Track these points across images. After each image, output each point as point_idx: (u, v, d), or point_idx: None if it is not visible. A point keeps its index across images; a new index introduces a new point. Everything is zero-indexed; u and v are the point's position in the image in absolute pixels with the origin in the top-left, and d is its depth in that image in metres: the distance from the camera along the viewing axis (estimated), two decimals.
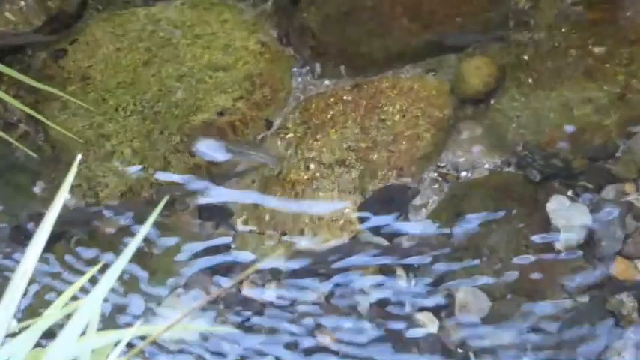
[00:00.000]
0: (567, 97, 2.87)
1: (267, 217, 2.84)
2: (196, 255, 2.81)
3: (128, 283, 2.73)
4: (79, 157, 1.35)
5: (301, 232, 2.79)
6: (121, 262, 1.18)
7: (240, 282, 2.74)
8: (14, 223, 2.89)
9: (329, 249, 2.75)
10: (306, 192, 2.85)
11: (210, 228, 2.88)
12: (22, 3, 3.08)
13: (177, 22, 3.12)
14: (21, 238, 2.85)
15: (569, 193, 2.77)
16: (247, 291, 2.74)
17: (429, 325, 2.63)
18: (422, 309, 2.65)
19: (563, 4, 3.01)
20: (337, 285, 2.71)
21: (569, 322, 2.59)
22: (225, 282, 2.75)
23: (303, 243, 2.78)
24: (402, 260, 2.71)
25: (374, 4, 3.05)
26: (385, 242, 2.76)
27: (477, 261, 2.69)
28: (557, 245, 2.67)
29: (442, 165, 2.90)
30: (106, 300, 1.22)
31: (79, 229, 2.84)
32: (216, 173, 2.93)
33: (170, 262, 2.78)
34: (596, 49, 2.92)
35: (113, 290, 2.62)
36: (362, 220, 2.80)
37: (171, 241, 2.82)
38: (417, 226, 2.80)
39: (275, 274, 2.74)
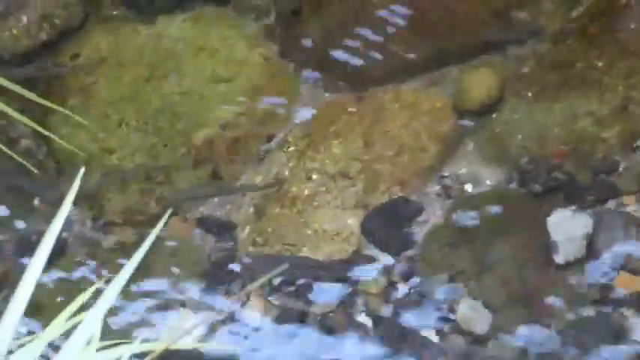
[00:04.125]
0: (571, 109, 2.87)
1: (269, 230, 2.84)
2: (198, 268, 2.81)
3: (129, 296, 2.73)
4: (82, 170, 1.34)
5: (304, 246, 2.79)
6: (124, 276, 1.18)
7: (245, 296, 2.74)
8: (17, 238, 2.89)
9: (331, 263, 2.76)
10: (308, 205, 2.85)
11: (211, 240, 2.88)
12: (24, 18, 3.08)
13: (180, 37, 3.13)
14: (24, 253, 2.85)
15: (572, 206, 2.77)
16: (249, 306, 2.74)
17: (430, 338, 2.63)
18: (424, 322, 2.66)
19: (565, 17, 3.02)
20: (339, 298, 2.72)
21: (571, 336, 2.58)
22: (229, 297, 2.75)
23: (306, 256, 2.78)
24: (404, 274, 2.72)
25: None
26: (387, 256, 2.76)
27: (478, 275, 2.69)
28: (557, 259, 2.66)
29: (445, 177, 2.90)
30: (107, 314, 1.22)
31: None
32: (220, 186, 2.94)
33: (171, 275, 2.78)
34: (597, 62, 2.92)
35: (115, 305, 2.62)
36: (364, 234, 2.80)
37: (172, 253, 2.82)
38: (419, 238, 2.80)
39: (277, 289, 2.75)
